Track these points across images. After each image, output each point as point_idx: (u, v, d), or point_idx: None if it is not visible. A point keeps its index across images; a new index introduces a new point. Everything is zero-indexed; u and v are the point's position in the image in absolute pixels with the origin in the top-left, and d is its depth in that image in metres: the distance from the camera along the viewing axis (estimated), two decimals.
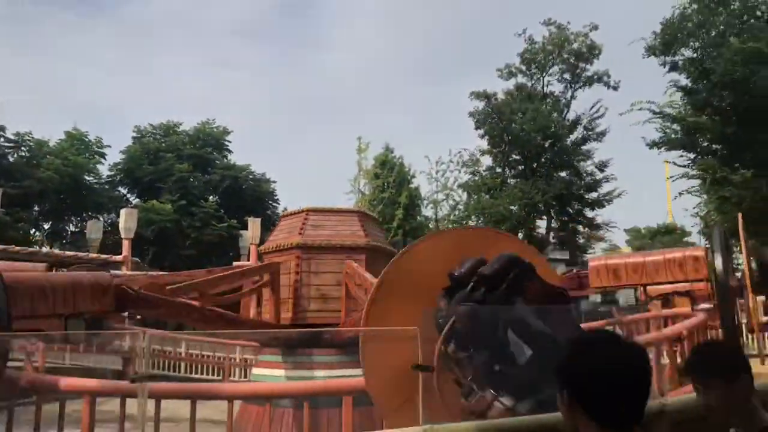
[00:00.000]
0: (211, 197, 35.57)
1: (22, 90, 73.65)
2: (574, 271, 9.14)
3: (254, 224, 28.86)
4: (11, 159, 32.88)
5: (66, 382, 7.23)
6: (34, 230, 33.14)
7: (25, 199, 30.90)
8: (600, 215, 34.47)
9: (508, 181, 34.54)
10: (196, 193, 34.64)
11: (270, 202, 39.55)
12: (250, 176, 38.31)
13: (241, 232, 31.25)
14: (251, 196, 37.18)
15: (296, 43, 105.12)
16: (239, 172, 37.40)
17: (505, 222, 32.33)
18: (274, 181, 39.93)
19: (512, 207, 32.20)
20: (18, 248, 22.34)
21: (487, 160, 35.87)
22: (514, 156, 34.39)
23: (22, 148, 33.86)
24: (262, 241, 25.45)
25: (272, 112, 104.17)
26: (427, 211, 41.55)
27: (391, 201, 37.72)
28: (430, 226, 41.08)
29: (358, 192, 41.16)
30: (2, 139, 33.18)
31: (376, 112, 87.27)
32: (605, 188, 33.97)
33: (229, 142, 39.74)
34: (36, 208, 32.91)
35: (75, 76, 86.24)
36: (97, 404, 6.99)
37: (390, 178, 38.70)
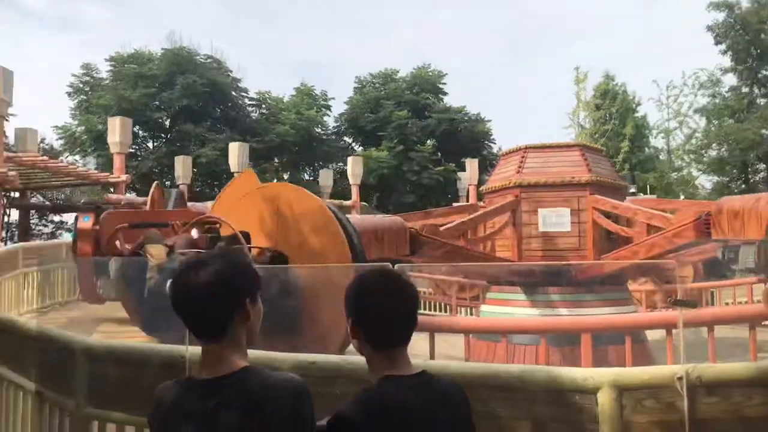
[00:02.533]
0: (428, 141, 36.38)
1: (255, 53, 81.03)
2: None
3: (471, 165, 29.01)
4: (254, 117, 36.70)
5: None
6: (276, 180, 36.83)
7: (267, 153, 34.41)
8: None
9: (758, 101, 30.25)
10: (414, 138, 35.66)
11: (486, 142, 39.39)
12: (466, 117, 38.37)
13: (458, 174, 31.63)
14: (467, 138, 37.33)
15: None
16: (455, 114, 37.64)
17: (755, 148, 28.54)
18: (489, 121, 39.62)
19: (764, 130, 28.21)
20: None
21: (730, 80, 31.73)
22: (764, 71, 29.91)
23: (263, 105, 37.57)
24: (479, 182, 25.57)
25: (484, 50, 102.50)
26: (657, 142, 38.29)
27: (615, 133, 35.35)
28: (661, 157, 37.84)
29: (578, 126, 39.19)
30: (246, 100, 37.15)
31: (592, 41, 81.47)
32: None
33: (444, 84, 40.07)
34: (276, 160, 36.45)
35: (300, 37, 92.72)
36: None
37: (612, 108, 36.19)
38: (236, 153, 23.78)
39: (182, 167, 24.01)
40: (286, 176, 37.87)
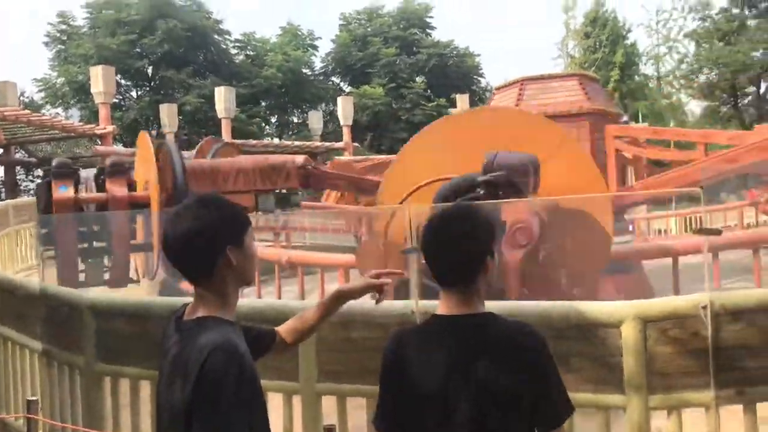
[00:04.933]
0: (418, 78, 35.76)
1: None
2: None
3: (462, 100, 28.67)
4: (239, 60, 35.80)
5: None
6: (264, 124, 36.30)
7: (254, 97, 33.76)
8: None
9: (748, 23, 29.74)
10: (404, 76, 35.04)
11: (475, 77, 38.78)
12: (455, 52, 37.64)
13: (450, 110, 31.27)
14: (456, 73, 36.73)
15: None
16: (443, 49, 36.90)
17: (745, 71, 28.25)
18: (478, 55, 38.88)
19: (755, 53, 27.87)
20: (254, 141, 24.71)
21: (719, 2, 31.10)
22: None
23: (248, 48, 36.60)
24: None
25: None
26: (648, 69, 37.76)
27: (605, 62, 34.77)
28: (651, 84, 37.45)
29: (567, 56, 38.55)
30: (230, 43, 36.16)
31: None
32: None
33: (432, 17, 39.11)
34: (263, 104, 35.84)
35: None
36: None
37: (602, 36, 35.46)
38: (223, 98, 23.31)
39: (167, 115, 23.54)
40: (273, 119, 37.33)
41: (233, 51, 36.42)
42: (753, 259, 8.06)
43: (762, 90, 30.21)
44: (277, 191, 7.86)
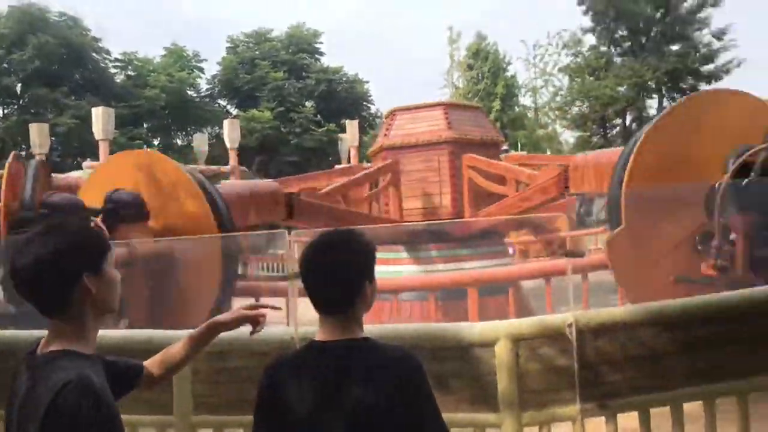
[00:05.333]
0: (307, 103, 35.80)
1: (119, 11, 75.57)
2: None
3: (352, 126, 28.80)
4: (119, 80, 34.29)
5: None
6: (146, 147, 34.88)
7: (135, 118, 32.41)
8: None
9: (614, 60, 32.30)
10: (293, 100, 34.94)
11: (365, 103, 39.37)
12: (344, 78, 38.07)
13: (340, 135, 31.47)
14: (346, 100, 37.13)
15: None
16: (333, 74, 37.21)
17: (612, 104, 30.55)
18: (367, 82, 39.56)
19: (620, 87, 30.26)
20: None
21: (590, 39, 33.60)
22: (620, 32, 31.87)
23: (129, 68, 35.13)
24: (361, 143, 25.56)
25: (360, 9, 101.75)
26: (526, 100, 40.00)
27: (487, 92, 36.48)
28: (529, 115, 39.64)
29: (452, 86, 40.09)
30: (109, 62, 34.58)
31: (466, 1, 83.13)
32: (723, 59, 31.10)
33: (321, 44, 39.42)
34: (145, 126, 34.46)
35: None
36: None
37: (484, 68, 37.24)
38: (101, 119, 22.04)
39: (38, 135, 21.93)
40: (156, 142, 35.96)
41: (113, 70, 34.87)
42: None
43: (628, 122, 32.74)
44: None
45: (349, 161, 27.12)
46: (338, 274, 1.82)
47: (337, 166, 22.21)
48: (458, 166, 10.26)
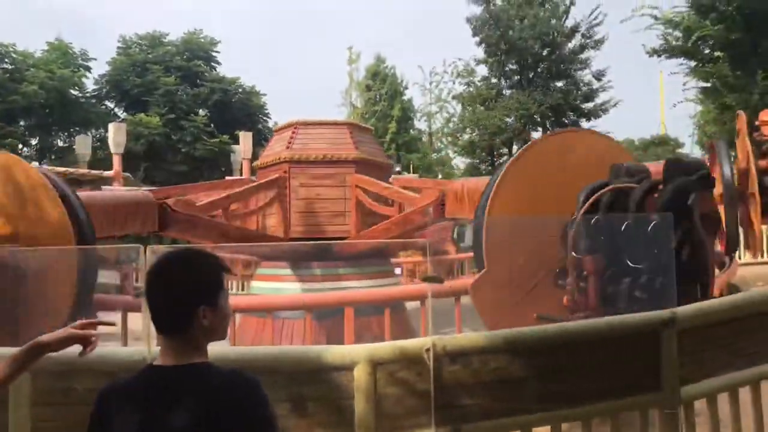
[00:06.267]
0: (200, 111, 34.81)
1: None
2: None
3: (245, 138, 28.35)
4: None
5: None
6: (21, 146, 32.52)
7: (10, 115, 30.17)
8: (596, 126, 34.01)
9: (504, 91, 33.82)
10: (184, 107, 33.84)
11: (261, 116, 38.80)
12: (240, 89, 37.39)
13: (233, 147, 30.80)
14: (242, 111, 36.42)
15: None
16: (228, 84, 36.45)
17: (500, 134, 31.93)
18: (264, 95, 39.05)
19: (507, 118, 31.70)
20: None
21: (482, 70, 35.02)
22: (510, 66, 33.47)
23: (5, 60, 32.68)
24: (254, 156, 25.17)
25: (260, 23, 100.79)
26: (421, 124, 41.08)
27: (384, 114, 37.13)
28: (424, 139, 40.70)
29: (350, 105, 40.48)
30: None
31: (367, 22, 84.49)
32: (601, 98, 33.44)
33: (218, 53, 38.53)
34: (22, 124, 32.18)
35: None
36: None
37: (382, 90, 37.92)
38: None
39: None
40: (34, 141, 33.66)
41: None
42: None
43: (514, 151, 34.32)
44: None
45: (241, 173, 26.64)
46: (173, 293, 1.79)
47: (227, 178, 21.73)
48: (302, 183, 10.39)
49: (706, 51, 20.76)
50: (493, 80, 34.28)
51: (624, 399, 3.53)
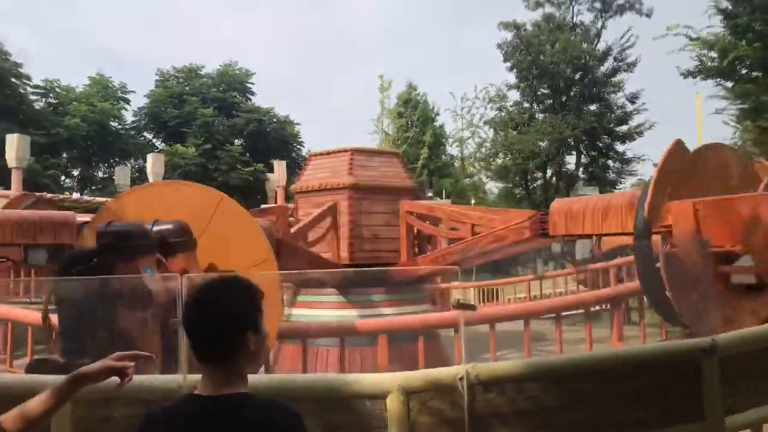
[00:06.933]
0: (236, 141, 35.45)
1: (45, 37, 73.28)
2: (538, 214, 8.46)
3: (280, 167, 28.80)
4: (38, 107, 32.98)
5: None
6: (64, 177, 33.50)
7: (54, 147, 31.16)
8: (630, 149, 33.58)
9: (537, 116, 33.70)
10: (220, 138, 34.54)
11: (294, 144, 39.38)
12: (274, 119, 38.04)
13: (267, 175, 31.25)
14: (276, 139, 37.01)
15: None
16: (263, 114, 37.14)
17: (534, 158, 31.73)
18: (298, 123, 39.67)
19: (541, 142, 31.49)
20: (49, 195, 22.63)
21: (514, 95, 35.01)
22: (542, 90, 33.39)
23: (50, 95, 33.88)
24: (288, 183, 25.48)
25: (293, 54, 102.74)
26: (453, 150, 41.09)
27: (416, 140, 37.27)
28: (456, 164, 40.67)
29: (382, 132, 40.76)
30: (29, 88, 33.26)
31: (399, 52, 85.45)
32: (636, 121, 33.01)
33: (252, 84, 39.41)
34: (65, 155, 33.18)
35: (97, 20, 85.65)
36: None
37: (414, 116, 38.11)
38: (15, 146, 21.21)
39: None
40: (75, 173, 34.64)
41: (33, 97, 33.58)
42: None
43: (548, 175, 34.03)
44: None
45: (276, 201, 26.97)
46: (217, 322, 1.77)
47: (263, 206, 22.02)
48: (359, 210, 10.43)
49: (743, 71, 20.41)
50: (525, 105, 34.22)
51: (665, 428, 3.44)
